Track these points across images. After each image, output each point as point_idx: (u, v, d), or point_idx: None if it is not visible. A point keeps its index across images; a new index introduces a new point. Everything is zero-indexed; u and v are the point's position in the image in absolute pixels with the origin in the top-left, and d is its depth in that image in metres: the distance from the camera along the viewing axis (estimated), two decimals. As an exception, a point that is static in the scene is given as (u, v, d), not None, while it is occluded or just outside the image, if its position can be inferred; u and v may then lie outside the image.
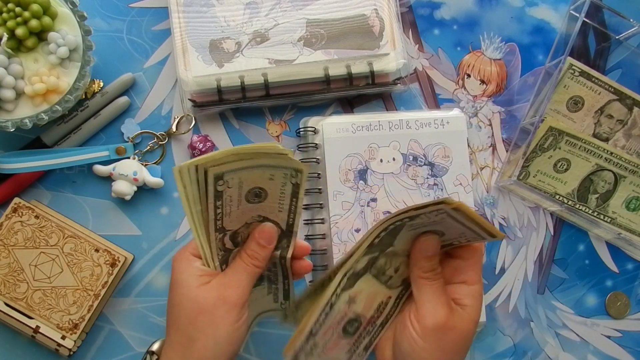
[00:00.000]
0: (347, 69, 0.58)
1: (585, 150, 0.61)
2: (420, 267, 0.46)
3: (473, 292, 0.46)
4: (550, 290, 0.62)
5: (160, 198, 0.58)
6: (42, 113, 0.51)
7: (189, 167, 0.40)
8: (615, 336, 0.63)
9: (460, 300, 0.46)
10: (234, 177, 0.42)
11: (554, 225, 0.63)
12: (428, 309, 0.45)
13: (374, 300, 0.48)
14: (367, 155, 0.59)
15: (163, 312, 0.57)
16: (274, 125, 0.60)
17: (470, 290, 0.46)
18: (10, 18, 0.49)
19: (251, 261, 0.46)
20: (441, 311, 0.44)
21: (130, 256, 0.56)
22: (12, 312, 0.52)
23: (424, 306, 0.45)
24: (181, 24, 0.57)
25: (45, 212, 0.54)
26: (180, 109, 0.59)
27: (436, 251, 0.46)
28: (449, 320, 0.44)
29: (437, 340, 0.44)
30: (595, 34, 0.65)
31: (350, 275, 0.46)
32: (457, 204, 0.40)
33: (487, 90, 0.63)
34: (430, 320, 0.44)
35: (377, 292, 0.48)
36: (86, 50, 0.52)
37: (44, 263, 0.53)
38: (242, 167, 0.41)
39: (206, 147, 0.58)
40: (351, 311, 0.47)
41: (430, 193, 0.59)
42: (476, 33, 0.64)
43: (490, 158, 0.63)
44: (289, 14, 0.58)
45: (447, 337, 0.44)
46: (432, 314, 0.44)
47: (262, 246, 0.46)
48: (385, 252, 0.46)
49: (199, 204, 0.42)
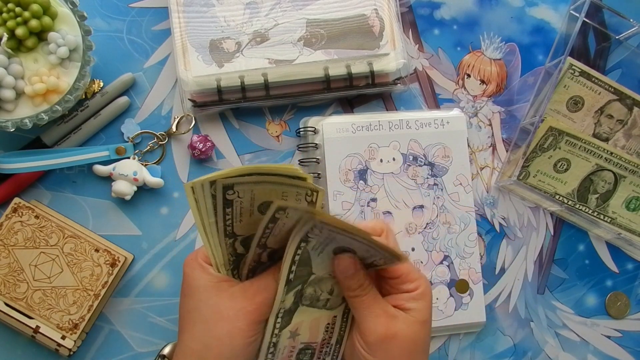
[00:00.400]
0: (347, 69, 0.58)
1: (585, 150, 0.61)
2: (347, 287, 0.45)
3: (415, 296, 0.46)
4: (550, 290, 0.62)
5: (160, 198, 0.58)
6: (42, 113, 0.51)
7: (202, 183, 0.40)
8: (615, 336, 0.63)
9: (403, 305, 0.45)
10: (245, 190, 0.42)
11: (554, 225, 0.63)
12: (367, 325, 0.44)
13: (319, 325, 0.48)
14: (367, 155, 0.59)
15: (163, 312, 0.57)
16: (274, 125, 0.60)
17: (412, 295, 0.46)
18: (10, 18, 0.49)
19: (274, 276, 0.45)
20: (379, 323, 0.44)
21: (130, 256, 0.56)
22: (12, 312, 0.52)
23: (362, 323, 0.45)
24: (181, 24, 0.57)
25: (45, 212, 0.54)
26: (180, 109, 0.59)
27: (355, 269, 0.45)
28: (389, 329, 0.44)
29: (384, 352, 0.44)
30: (595, 34, 0.65)
31: (282, 314, 0.45)
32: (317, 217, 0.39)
33: (487, 90, 0.63)
34: (371, 336, 0.44)
35: (319, 317, 0.48)
36: (86, 50, 0.52)
37: (44, 263, 0.53)
38: (253, 182, 0.41)
39: (206, 147, 0.58)
40: (298, 342, 0.47)
41: (430, 193, 0.59)
42: (476, 33, 0.64)
43: (490, 158, 0.63)
44: (289, 14, 0.58)
45: (392, 346, 0.44)
46: (372, 328, 0.44)
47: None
48: (309, 281, 0.45)
49: (213, 215, 0.42)
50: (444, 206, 0.59)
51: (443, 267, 0.59)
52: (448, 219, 0.59)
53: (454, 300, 0.59)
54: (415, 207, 0.59)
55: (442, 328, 0.59)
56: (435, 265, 0.59)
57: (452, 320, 0.58)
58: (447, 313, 0.58)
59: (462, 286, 0.59)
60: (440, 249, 0.59)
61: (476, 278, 0.59)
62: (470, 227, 0.59)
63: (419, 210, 0.59)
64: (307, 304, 0.46)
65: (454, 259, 0.59)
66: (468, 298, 0.59)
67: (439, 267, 0.59)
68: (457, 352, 0.60)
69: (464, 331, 0.60)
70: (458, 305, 0.59)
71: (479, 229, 0.61)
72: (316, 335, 0.48)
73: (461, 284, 0.59)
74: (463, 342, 0.60)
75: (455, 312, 0.59)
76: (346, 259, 0.44)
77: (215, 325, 0.43)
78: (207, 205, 0.42)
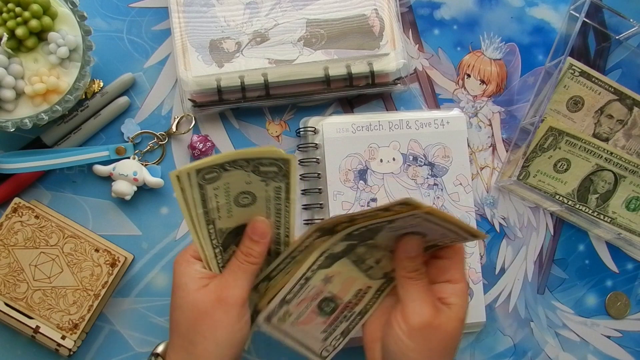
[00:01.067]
0: (347, 69, 0.58)
1: (585, 150, 0.61)
2: (404, 267, 0.46)
3: (457, 291, 0.46)
4: (550, 290, 0.62)
5: (160, 198, 0.58)
6: (42, 113, 0.51)
7: (189, 172, 0.40)
8: (615, 336, 0.63)
9: (446, 299, 0.46)
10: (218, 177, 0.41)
11: (554, 225, 0.63)
12: (414, 309, 0.45)
13: (352, 286, 0.48)
14: (367, 155, 0.59)
15: (163, 312, 0.57)
16: (274, 125, 0.60)
17: (455, 288, 0.46)
18: (10, 18, 0.49)
19: (246, 258, 0.46)
20: (427, 310, 0.44)
21: (130, 256, 0.56)
22: (12, 312, 0.52)
23: (409, 306, 0.45)
24: (181, 24, 0.57)
25: (45, 212, 0.54)
26: (180, 109, 0.59)
27: (419, 252, 0.45)
28: (435, 319, 0.44)
29: (423, 340, 0.44)
30: (595, 34, 0.65)
31: (328, 255, 0.46)
32: (428, 209, 0.40)
33: (487, 90, 0.63)
34: (416, 320, 0.44)
35: (356, 278, 0.48)
36: (86, 50, 0.52)
37: (44, 263, 0.53)
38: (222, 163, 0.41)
39: (206, 147, 0.58)
40: (327, 290, 0.48)
41: (430, 193, 0.59)
42: (476, 33, 0.64)
43: (490, 158, 0.63)
44: (289, 14, 0.58)
45: (434, 336, 0.44)
46: (418, 313, 0.44)
47: (256, 241, 0.46)
48: (366, 243, 0.46)
49: (201, 207, 0.42)
50: (444, 206, 0.59)
51: (443, 267, 0.59)
52: (448, 219, 0.59)
53: (454, 300, 0.59)
54: (415, 207, 0.59)
55: (442, 328, 0.59)
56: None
57: (452, 320, 0.58)
58: (447, 313, 0.58)
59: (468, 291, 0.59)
60: (440, 249, 0.59)
61: (476, 278, 0.59)
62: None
63: (419, 210, 0.59)
64: (352, 260, 0.47)
65: (454, 259, 0.59)
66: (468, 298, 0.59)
67: (439, 267, 0.59)
68: (457, 352, 0.60)
69: (464, 331, 0.60)
70: (458, 305, 0.59)
71: (479, 229, 0.61)
72: (345, 293, 0.48)
73: (461, 284, 0.59)
74: (463, 342, 0.60)
75: (455, 312, 0.59)
76: (415, 239, 0.45)
77: (195, 321, 0.44)
78: (195, 195, 0.42)
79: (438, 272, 0.47)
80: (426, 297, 0.45)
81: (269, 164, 0.42)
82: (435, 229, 0.44)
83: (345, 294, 0.48)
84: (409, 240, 0.45)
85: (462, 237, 0.45)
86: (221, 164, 0.41)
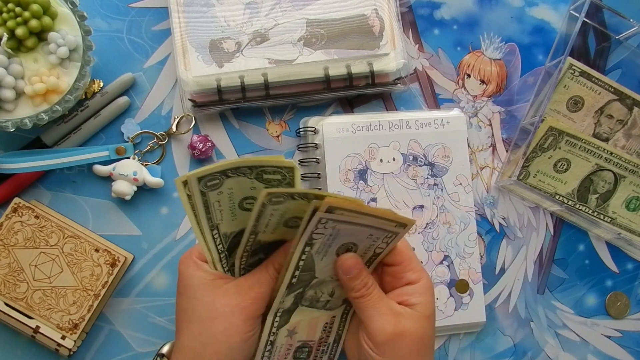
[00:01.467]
0: (347, 69, 0.58)
1: (585, 150, 0.61)
2: (351, 288, 0.45)
3: (418, 289, 0.46)
4: (550, 290, 0.62)
5: (160, 198, 0.58)
6: (42, 113, 0.51)
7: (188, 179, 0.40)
8: (615, 336, 0.63)
9: (407, 301, 0.45)
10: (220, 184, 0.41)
11: (554, 225, 0.63)
12: (373, 325, 0.44)
13: (317, 325, 0.48)
14: (367, 155, 0.59)
15: (163, 312, 0.57)
16: (274, 125, 0.60)
17: (415, 288, 0.46)
18: (10, 18, 0.49)
19: (277, 275, 0.45)
20: (386, 322, 0.44)
21: (130, 256, 0.56)
22: (12, 312, 0.52)
23: (369, 324, 0.45)
24: (181, 24, 0.57)
25: (45, 212, 0.54)
26: (180, 109, 0.59)
27: (359, 268, 0.45)
28: (396, 327, 0.44)
29: (392, 351, 0.44)
30: (595, 34, 0.65)
31: (281, 313, 0.45)
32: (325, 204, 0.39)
33: (487, 90, 0.63)
34: (379, 336, 0.44)
35: (318, 317, 0.48)
36: (86, 50, 0.52)
37: (44, 263, 0.53)
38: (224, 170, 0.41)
39: (206, 147, 0.58)
40: (295, 341, 0.47)
41: (430, 193, 0.59)
42: (476, 33, 0.64)
43: (490, 158, 0.63)
44: (289, 14, 0.58)
45: (401, 344, 0.44)
46: (379, 328, 0.44)
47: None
48: (310, 284, 0.45)
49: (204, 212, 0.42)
50: (444, 206, 0.59)
51: (443, 267, 0.59)
52: (448, 219, 0.59)
53: (454, 300, 0.59)
54: (415, 207, 0.59)
55: (442, 328, 0.59)
56: (435, 265, 0.59)
57: (452, 320, 0.58)
58: (447, 313, 0.58)
59: (462, 286, 0.59)
60: (440, 249, 0.59)
61: (476, 278, 0.59)
62: (470, 227, 0.60)
63: (419, 210, 0.59)
64: (306, 305, 0.46)
65: (454, 259, 0.59)
66: (468, 298, 0.59)
67: (439, 267, 0.59)
68: (457, 352, 0.60)
69: (464, 331, 0.60)
70: (458, 305, 0.59)
71: (479, 229, 0.61)
72: (314, 334, 0.48)
73: (461, 284, 0.59)
74: (463, 342, 0.60)
75: (455, 312, 0.59)
76: (350, 259, 0.44)
77: (211, 323, 0.43)
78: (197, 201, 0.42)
79: (394, 280, 0.47)
80: (382, 309, 0.44)
81: (273, 171, 0.42)
82: (359, 231, 0.43)
83: (313, 335, 0.48)
84: (344, 261, 0.44)
85: (391, 232, 0.43)
86: (223, 171, 0.41)
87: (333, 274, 0.45)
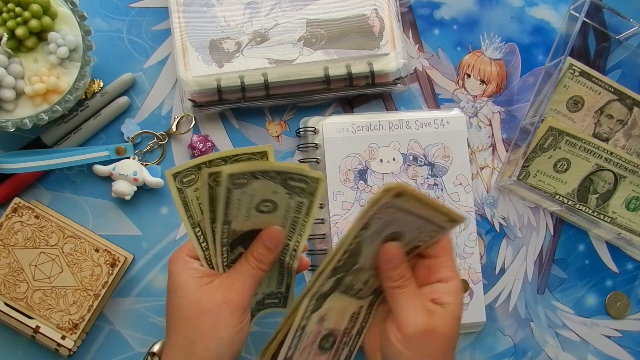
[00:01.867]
0: (347, 69, 0.58)
1: (585, 150, 0.61)
2: (389, 278, 0.45)
3: (450, 289, 0.45)
4: (550, 290, 0.62)
5: (160, 198, 0.58)
6: (42, 113, 0.51)
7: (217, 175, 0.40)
8: (615, 336, 0.63)
9: (439, 299, 0.45)
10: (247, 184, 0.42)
11: (554, 225, 0.63)
12: (406, 317, 0.44)
13: (346, 313, 0.48)
14: (367, 155, 0.59)
15: (163, 312, 0.57)
16: (274, 125, 0.60)
17: (448, 287, 0.45)
18: (10, 18, 0.49)
19: (257, 264, 0.45)
20: (419, 316, 0.44)
21: (130, 256, 0.56)
22: (12, 312, 0.52)
23: (401, 315, 0.44)
24: (181, 24, 0.57)
25: (45, 212, 0.54)
26: (180, 109, 0.59)
27: (401, 259, 0.45)
28: (429, 324, 0.43)
29: (420, 346, 0.43)
30: (595, 34, 0.65)
31: (317, 297, 0.45)
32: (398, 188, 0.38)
33: (487, 90, 0.63)
34: (410, 328, 0.43)
35: (348, 305, 0.47)
36: (86, 50, 0.52)
37: (44, 263, 0.53)
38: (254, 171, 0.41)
39: (206, 147, 0.58)
40: (324, 328, 0.47)
41: (430, 193, 0.59)
42: (476, 33, 0.64)
43: (490, 158, 0.63)
44: (289, 14, 0.58)
45: (430, 341, 0.43)
46: (411, 321, 0.44)
47: (270, 249, 0.46)
48: (351, 270, 0.45)
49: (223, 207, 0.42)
50: (444, 206, 0.59)
51: (443, 267, 0.59)
52: (448, 219, 0.59)
53: (454, 300, 0.59)
54: (415, 207, 0.59)
55: (442, 328, 0.59)
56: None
57: (452, 320, 0.58)
58: (447, 313, 0.58)
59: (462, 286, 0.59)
60: (440, 249, 0.59)
61: (476, 278, 0.59)
62: (470, 227, 0.60)
63: (419, 210, 0.59)
64: (342, 291, 0.46)
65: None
66: (468, 298, 0.59)
67: (439, 267, 0.59)
68: (457, 352, 0.60)
69: (464, 331, 0.60)
70: (458, 305, 0.59)
71: (479, 229, 0.61)
72: (341, 322, 0.48)
73: (461, 284, 0.59)
74: (463, 342, 0.60)
75: (455, 312, 0.59)
76: (393, 248, 0.44)
77: (198, 319, 0.44)
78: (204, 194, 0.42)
79: (428, 273, 0.46)
80: (417, 303, 0.44)
81: (299, 179, 0.42)
82: (411, 222, 0.43)
83: (340, 324, 0.48)
84: (388, 250, 0.44)
85: (441, 227, 0.43)
86: (253, 172, 0.41)
87: (373, 261, 0.46)
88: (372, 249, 0.45)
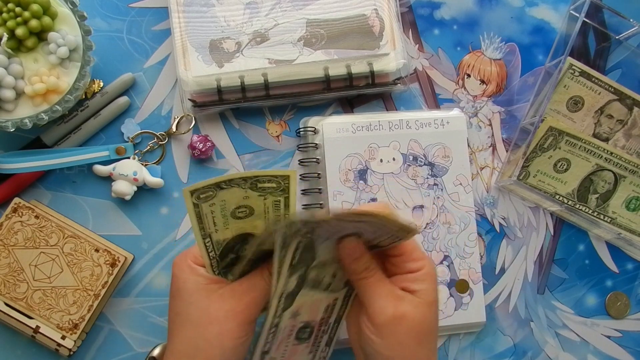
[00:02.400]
0: (347, 69, 0.58)
1: (585, 150, 0.61)
2: (353, 271, 0.45)
3: (420, 277, 0.45)
4: (550, 290, 0.62)
5: (160, 198, 0.58)
6: (42, 113, 0.51)
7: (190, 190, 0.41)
8: (615, 336, 0.63)
9: (409, 287, 0.45)
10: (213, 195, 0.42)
11: (554, 225, 0.63)
12: (374, 306, 0.44)
13: (319, 306, 0.48)
14: (367, 155, 0.59)
15: (163, 312, 0.57)
16: (274, 125, 0.60)
17: (417, 275, 0.45)
18: (10, 18, 0.49)
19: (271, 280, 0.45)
20: (388, 304, 0.43)
21: (130, 256, 0.56)
22: (12, 312, 0.52)
23: (370, 305, 0.44)
24: (181, 24, 0.57)
25: (45, 212, 0.54)
26: (180, 109, 0.59)
27: (361, 251, 0.44)
28: (397, 310, 0.43)
29: (392, 333, 0.43)
30: (595, 34, 0.65)
31: (285, 295, 0.45)
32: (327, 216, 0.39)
33: (487, 90, 0.63)
34: (379, 317, 0.43)
35: (320, 299, 0.47)
36: (86, 50, 0.52)
37: (44, 263, 0.53)
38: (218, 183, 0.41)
39: (206, 147, 0.58)
40: (298, 322, 0.47)
41: (430, 193, 0.59)
42: (476, 33, 0.64)
43: (490, 158, 0.63)
44: (289, 14, 0.58)
45: (401, 327, 0.43)
46: (379, 309, 0.43)
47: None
48: (312, 265, 0.45)
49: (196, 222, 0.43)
50: (444, 206, 0.59)
51: (443, 267, 0.59)
52: (448, 219, 0.59)
53: (454, 300, 0.59)
54: (415, 207, 0.59)
55: (442, 328, 0.59)
56: (435, 265, 0.59)
57: (452, 320, 0.58)
58: (447, 313, 0.59)
59: (462, 286, 0.59)
60: (440, 249, 0.59)
61: (476, 278, 0.59)
62: (470, 227, 0.60)
63: (419, 210, 0.59)
64: (310, 286, 0.46)
65: (453, 259, 0.59)
66: (468, 298, 0.59)
67: (438, 267, 0.59)
68: (457, 352, 0.60)
69: (464, 331, 0.60)
70: (458, 305, 0.59)
71: (479, 229, 0.61)
72: (316, 314, 0.48)
73: (461, 284, 0.59)
74: (463, 342, 0.60)
75: (455, 312, 0.59)
76: (351, 242, 0.44)
77: (204, 328, 0.43)
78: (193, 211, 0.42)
79: (395, 268, 0.46)
80: (384, 291, 0.44)
81: (268, 180, 0.42)
82: (365, 229, 0.43)
83: (315, 315, 0.48)
84: (346, 245, 0.44)
85: (394, 236, 0.43)
86: (217, 183, 0.41)
87: (335, 255, 0.45)
88: (329, 244, 0.44)
